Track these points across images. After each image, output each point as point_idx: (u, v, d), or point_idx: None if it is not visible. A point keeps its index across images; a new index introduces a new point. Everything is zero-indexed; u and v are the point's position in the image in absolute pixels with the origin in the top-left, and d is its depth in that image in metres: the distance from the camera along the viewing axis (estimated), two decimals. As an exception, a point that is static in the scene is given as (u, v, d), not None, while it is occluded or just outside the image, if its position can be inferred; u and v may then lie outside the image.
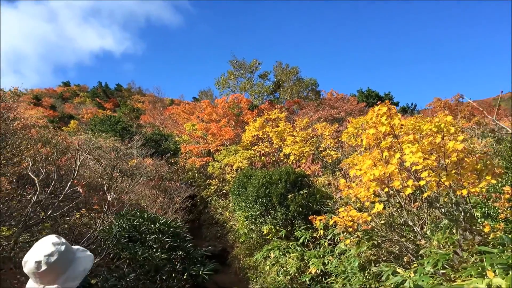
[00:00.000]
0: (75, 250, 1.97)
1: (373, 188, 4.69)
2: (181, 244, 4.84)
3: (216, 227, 13.29)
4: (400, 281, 4.39)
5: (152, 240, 4.66)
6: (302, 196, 8.21)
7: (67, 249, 1.87)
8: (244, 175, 9.84)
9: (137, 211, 4.88)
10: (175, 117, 29.72)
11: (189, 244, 4.88)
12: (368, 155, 4.70)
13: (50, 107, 46.94)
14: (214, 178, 14.72)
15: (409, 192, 4.02)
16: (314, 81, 31.64)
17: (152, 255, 4.39)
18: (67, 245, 1.89)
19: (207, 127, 17.23)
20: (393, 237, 4.81)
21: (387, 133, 4.34)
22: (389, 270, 4.41)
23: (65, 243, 1.90)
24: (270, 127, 13.94)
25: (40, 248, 1.79)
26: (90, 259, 2.00)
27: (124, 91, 72.97)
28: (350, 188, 4.94)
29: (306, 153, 11.57)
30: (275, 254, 8.05)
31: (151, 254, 4.37)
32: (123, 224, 4.63)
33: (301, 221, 8.15)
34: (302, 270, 7.44)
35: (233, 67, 32.24)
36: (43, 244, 1.82)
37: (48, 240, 1.85)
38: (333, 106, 20.49)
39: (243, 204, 9.18)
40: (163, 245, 4.74)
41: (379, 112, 4.22)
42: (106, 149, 10.22)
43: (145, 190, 9.60)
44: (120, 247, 4.32)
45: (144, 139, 15.60)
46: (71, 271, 1.84)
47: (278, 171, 8.74)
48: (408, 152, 3.95)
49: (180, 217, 9.54)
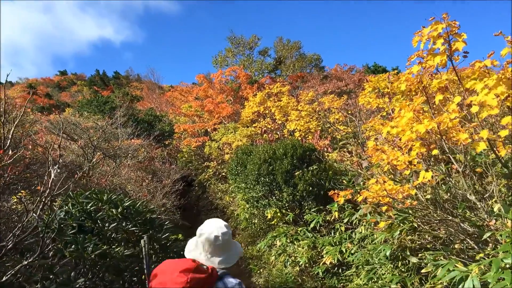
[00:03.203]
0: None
1: (417, 149, 3.38)
2: (155, 235, 3.55)
3: (216, 213, 12.16)
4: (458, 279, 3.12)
5: (113, 230, 3.38)
6: (312, 172, 6.91)
7: (230, 233, 2.17)
8: (243, 152, 8.55)
9: (94, 192, 3.58)
10: (173, 100, 28.44)
11: (166, 234, 3.59)
12: (408, 105, 3.37)
13: (45, 96, 45.72)
14: (212, 160, 13.47)
15: (482, 148, 2.70)
16: (317, 57, 30.15)
17: (110, 251, 3.11)
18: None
19: (203, 104, 15.84)
20: (442, 216, 3.51)
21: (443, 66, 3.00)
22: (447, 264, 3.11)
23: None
24: (272, 102, 12.58)
25: (216, 226, 2.08)
26: (239, 246, 2.27)
27: (122, 78, 71.45)
28: (382, 152, 3.62)
29: (312, 128, 10.28)
30: (281, 241, 6.80)
31: (108, 249, 3.09)
32: (72, 210, 3.35)
33: (312, 202, 6.86)
34: (314, 260, 6.21)
35: (231, 43, 30.66)
36: (218, 224, 2.11)
37: (221, 222, 2.15)
38: (340, 77, 19.01)
39: (243, 185, 7.90)
40: (128, 236, 3.45)
41: (433, 34, 2.85)
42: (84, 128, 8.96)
43: (129, 173, 8.34)
44: (64, 241, 3.04)
45: (135, 120, 14.34)
46: (232, 251, 2.13)
47: (282, 145, 7.42)
48: (481, 89, 2.62)
49: (170, 202, 8.31)
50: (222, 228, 2.07)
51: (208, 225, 2.10)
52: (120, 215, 3.48)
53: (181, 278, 1.76)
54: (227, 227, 2.12)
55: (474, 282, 2.97)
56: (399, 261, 4.52)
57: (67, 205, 3.40)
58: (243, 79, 19.89)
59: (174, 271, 1.80)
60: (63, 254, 3.02)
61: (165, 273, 1.84)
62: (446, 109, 3.07)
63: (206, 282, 1.84)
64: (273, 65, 30.40)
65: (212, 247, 2.03)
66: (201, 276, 1.82)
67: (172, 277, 1.79)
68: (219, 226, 2.08)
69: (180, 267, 1.81)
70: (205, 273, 1.86)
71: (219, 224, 2.10)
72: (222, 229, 2.06)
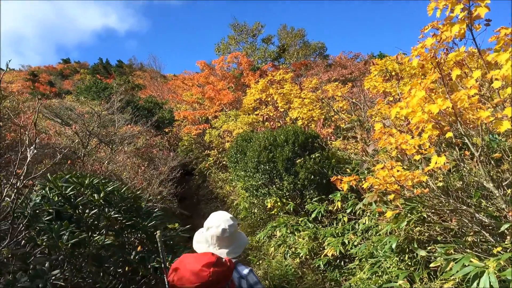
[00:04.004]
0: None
1: (429, 132, 3.05)
2: (141, 223, 3.25)
3: (216, 203, 11.91)
4: (473, 275, 2.81)
5: (93, 216, 3.08)
6: (314, 160, 6.59)
7: (236, 224, 2.26)
8: (243, 139, 8.23)
9: (75, 175, 3.28)
10: (175, 89, 28.09)
11: (152, 222, 3.29)
12: (420, 84, 3.04)
13: (47, 83, 45.48)
14: (213, 149, 13.17)
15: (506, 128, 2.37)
16: (322, 45, 29.58)
17: (89, 240, 2.82)
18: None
19: (204, 90, 15.44)
20: (455, 206, 3.20)
21: (461, 37, 2.65)
22: (462, 259, 2.80)
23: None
24: (275, 89, 12.20)
25: (223, 219, 2.18)
26: (245, 236, 2.37)
27: (125, 67, 71.09)
28: (390, 135, 3.30)
29: (315, 117, 9.93)
30: (281, 232, 6.50)
31: (87, 238, 2.80)
32: (49, 194, 3.05)
33: (313, 191, 6.55)
34: (315, 252, 5.91)
35: (234, 31, 30.08)
36: (224, 216, 2.21)
37: (226, 214, 2.25)
38: (345, 65, 18.53)
39: (243, 173, 7.59)
40: (111, 224, 3.16)
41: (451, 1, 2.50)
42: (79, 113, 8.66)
43: (125, 160, 8.05)
44: (37, 228, 2.75)
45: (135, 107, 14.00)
46: (239, 241, 2.23)
47: (283, 131, 7.09)
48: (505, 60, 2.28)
49: (166, 190, 8.03)
50: (228, 221, 2.17)
51: (214, 218, 2.20)
52: (102, 201, 3.18)
53: (203, 272, 1.83)
54: (233, 219, 2.22)
55: (491, 279, 2.67)
56: (405, 254, 4.21)
57: (44, 189, 3.09)
58: (245, 65, 19.37)
59: (196, 264, 1.88)
60: (36, 243, 2.73)
61: (187, 268, 1.90)
62: (463, 85, 2.74)
63: (226, 274, 1.94)
64: (276, 53, 29.85)
65: (220, 240, 2.13)
66: (222, 269, 1.91)
67: (194, 271, 1.86)
68: (226, 219, 2.19)
69: (202, 261, 1.88)
70: (225, 266, 1.95)
71: (225, 217, 2.20)
72: (229, 221, 2.17)
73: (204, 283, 1.83)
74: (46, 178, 3.20)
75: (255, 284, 2.07)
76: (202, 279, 1.83)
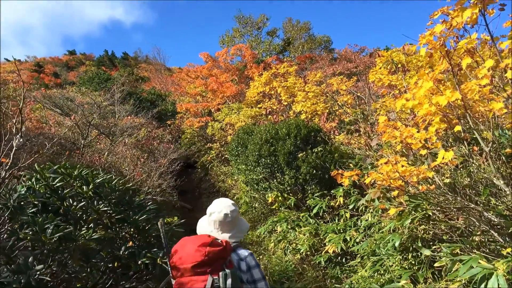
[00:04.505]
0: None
1: (436, 125, 2.88)
2: (131, 216, 3.11)
3: (218, 196, 11.53)
4: (481, 277, 2.66)
5: (81, 209, 2.94)
6: (317, 154, 6.42)
7: (238, 210, 2.37)
8: (244, 132, 8.06)
9: (64, 166, 3.14)
10: (179, 81, 27.90)
11: (143, 216, 3.14)
12: (428, 74, 2.86)
13: (52, 74, 45.42)
14: (215, 142, 13.00)
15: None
16: (327, 38, 29.22)
17: (75, 234, 2.68)
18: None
19: (206, 83, 15.23)
20: (462, 204, 3.03)
21: (473, 23, 2.47)
22: (470, 260, 2.64)
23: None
24: (278, 82, 11.99)
25: (225, 205, 2.29)
26: (246, 221, 2.50)
27: (130, 59, 70.82)
28: (395, 128, 3.12)
29: (319, 111, 9.74)
30: (282, 227, 6.36)
31: (73, 232, 2.66)
32: (35, 185, 2.91)
33: (315, 186, 6.39)
34: (316, 248, 5.78)
35: (239, 23, 29.76)
36: (226, 202, 2.32)
37: (228, 200, 2.36)
38: (350, 59, 18.23)
39: (243, 166, 7.43)
40: (99, 217, 3.02)
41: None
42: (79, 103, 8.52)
43: (125, 151, 7.92)
44: (21, 221, 2.62)
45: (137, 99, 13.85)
46: (240, 226, 2.35)
47: (286, 124, 6.92)
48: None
49: (165, 183, 7.89)
50: (230, 206, 2.29)
51: (217, 204, 2.32)
52: (92, 193, 3.04)
53: (199, 252, 1.95)
54: (234, 205, 2.34)
55: (500, 281, 2.53)
56: (409, 253, 4.06)
57: (31, 180, 2.95)
58: (249, 58, 19.05)
59: (192, 245, 2.00)
60: (19, 237, 2.60)
61: (184, 248, 2.03)
62: (474, 75, 2.57)
63: (221, 254, 2.03)
64: (281, 46, 29.51)
65: (222, 224, 2.25)
66: (216, 249, 2.02)
67: (191, 251, 1.97)
68: (228, 204, 2.30)
69: (198, 242, 2.00)
70: (220, 246, 2.05)
71: (227, 203, 2.31)
72: (230, 207, 2.28)
73: (200, 262, 1.94)
74: (33, 169, 3.06)
75: (253, 267, 2.16)
76: (198, 258, 1.94)
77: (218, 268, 1.98)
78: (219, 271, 1.97)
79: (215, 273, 1.96)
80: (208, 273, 1.95)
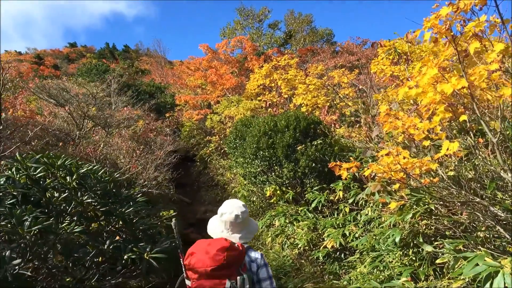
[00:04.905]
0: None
1: (441, 114, 2.71)
2: (118, 209, 2.95)
3: (216, 190, 11.64)
4: (486, 275, 2.50)
5: (64, 201, 2.79)
6: (316, 147, 6.26)
7: (248, 211, 2.42)
8: (242, 124, 7.89)
9: (46, 155, 2.97)
10: (180, 74, 27.72)
11: (130, 209, 2.98)
12: (432, 61, 2.68)
13: (52, 67, 45.21)
14: (214, 135, 12.84)
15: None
16: (329, 31, 28.91)
17: (56, 227, 2.53)
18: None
19: (206, 74, 15.03)
20: (467, 198, 2.86)
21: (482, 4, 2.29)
22: (476, 257, 2.48)
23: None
24: (279, 75, 11.80)
25: (235, 206, 2.33)
26: (256, 222, 2.56)
27: (131, 52, 70.46)
28: (396, 118, 2.95)
29: (320, 104, 9.57)
30: (280, 222, 6.21)
31: (53, 224, 2.51)
32: (15, 175, 2.75)
33: (314, 179, 6.24)
34: (314, 243, 5.63)
35: (240, 15, 29.39)
36: (237, 203, 2.36)
37: (239, 202, 2.40)
38: (352, 51, 17.98)
39: (241, 159, 7.28)
40: (84, 210, 2.86)
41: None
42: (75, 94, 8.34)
43: (121, 143, 7.76)
44: (-2, 213, 2.46)
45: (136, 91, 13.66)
46: (250, 227, 2.41)
47: (284, 116, 6.75)
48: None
49: (162, 175, 7.74)
50: (241, 208, 2.33)
51: (228, 205, 2.36)
52: (76, 184, 2.88)
53: (218, 256, 1.99)
54: (245, 206, 2.38)
55: (506, 280, 2.37)
56: (409, 249, 3.90)
57: (10, 169, 2.79)
58: (249, 50, 18.74)
59: (211, 249, 2.03)
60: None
61: (202, 252, 2.04)
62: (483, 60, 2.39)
63: (239, 258, 2.09)
64: (283, 39, 29.22)
65: (233, 225, 2.29)
66: (235, 253, 2.07)
67: (210, 255, 2.00)
68: (238, 206, 2.34)
69: (217, 246, 2.04)
70: (237, 250, 2.11)
71: (238, 204, 2.37)
72: (241, 208, 2.33)
73: (219, 265, 1.97)
74: (14, 158, 2.90)
75: (261, 267, 2.21)
76: (217, 262, 1.97)
77: (234, 271, 2.04)
78: (235, 274, 2.02)
79: (233, 277, 2.01)
80: (225, 276, 2.00)
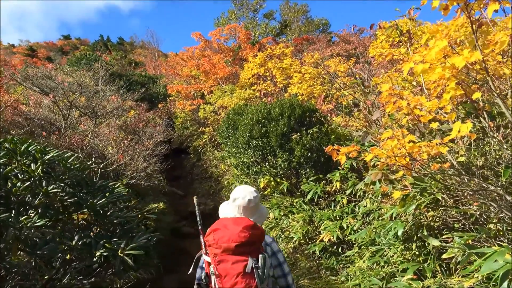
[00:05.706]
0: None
1: (452, 91, 2.40)
2: (87, 199, 2.63)
3: (210, 182, 11.37)
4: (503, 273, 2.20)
5: (27, 191, 2.46)
6: (312, 136, 5.95)
7: (259, 196, 2.45)
8: (235, 112, 7.58)
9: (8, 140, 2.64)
10: (173, 65, 27.34)
11: (103, 200, 2.66)
12: (441, 31, 2.37)
13: (46, 59, 44.58)
14: (208, 125, 12.52)
15: None
16: (325, 21, 28.55)
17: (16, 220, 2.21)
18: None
19: (199, 64, 14.66)
20: (480, 186, 2.56)
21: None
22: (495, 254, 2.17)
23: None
24: (274, 64, 11.46)
25: (248, 191, 2.35)
26: (265, 207, 2.70)
27: (126, 44, 69.81)
28: (400, 98, 2.63)
29: (316, 93, 9.27)
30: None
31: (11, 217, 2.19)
32: (-30, 163, 2.42)
33: (310, 170, 5.95)
34: (310, 236, 5.36)
35: (235, 5, 28.92)
36: (249, 189, 2.38)
37: (250, 187, 2.41)
38: (348, 40, 17.61)
39: (234, 149, 6.97)
40: (50, 201, 2.54)
41: None
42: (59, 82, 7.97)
43: (108, 133, 7.42)
44: None
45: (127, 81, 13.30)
46: (262, 211, 2.44)
47: (279, 104, 6.43)
48: None
49: (151, 166, 7.41)
50: (252, 193, 2.35)
51: (240, 190, 2.38)
52: (41, 172, 2.55)
53: (243, 233, 2.01)
54: (256, 192, 2.40)
55: (526, 279, 2.08)
56: (413, 243, 3.62)
57: (-35, 156, 2.47)
58: (243, 38, 18.30)
59: (236, 226, 2.05)
60: None
61: (228, 228, 2.07)
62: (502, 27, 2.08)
63: (260, 238, 2.12)
64: (278, 29, 28.86)
65: (246, 209, 2.31)
66: (258, 232, 2.10)
67: (235, 231, 2.03)
68: (250, 191, 2.37)
69: (242, 224, 2.07)
70: (260, 229, 2.14)
71: (250, 189, 2.39)
72: (253, 193, 2.35)
73: (244, 242, 1.99)
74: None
75: (277, 252, 2.28)
76: (242, 239, 1.99)
77: (255, 250, 2.05)
78: (256, 252, 2.05)
79: (253, 254, 2.02)
80: (247, 253, 2.02)
